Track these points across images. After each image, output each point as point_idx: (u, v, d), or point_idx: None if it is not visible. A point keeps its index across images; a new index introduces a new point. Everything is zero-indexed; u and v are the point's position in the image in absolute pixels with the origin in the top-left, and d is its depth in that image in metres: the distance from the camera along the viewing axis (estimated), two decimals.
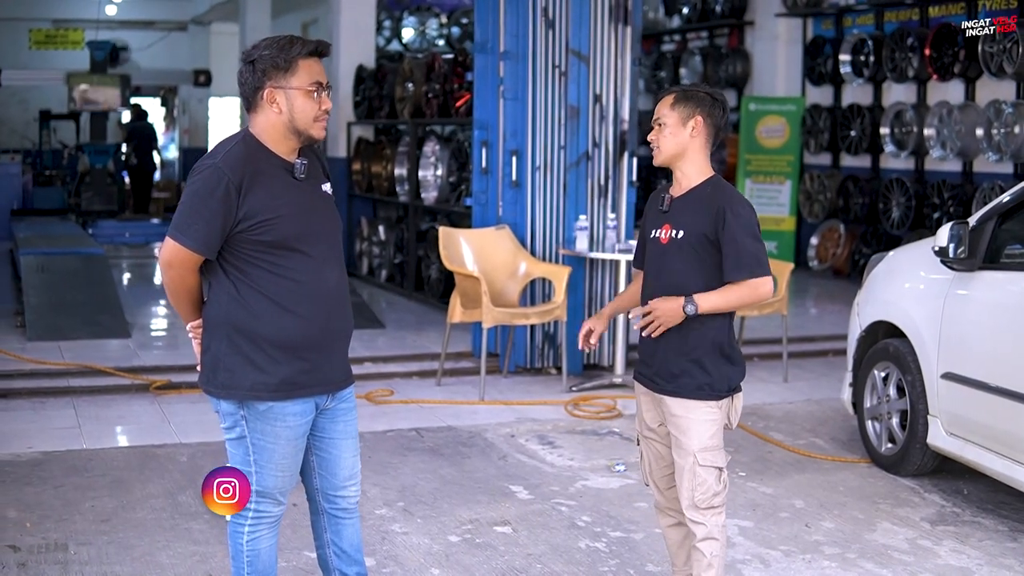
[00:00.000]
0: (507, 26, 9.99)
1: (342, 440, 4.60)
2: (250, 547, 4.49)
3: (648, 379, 4.97)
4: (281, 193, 4.25)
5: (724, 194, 4.84)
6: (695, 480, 4.84)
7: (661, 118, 4.87)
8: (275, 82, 4.23)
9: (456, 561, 6.06)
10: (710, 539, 4.88)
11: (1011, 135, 13.28)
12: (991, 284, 6.78)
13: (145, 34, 28.70)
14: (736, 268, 4.73)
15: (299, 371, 4.33)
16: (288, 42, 4.25)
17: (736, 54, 18.87)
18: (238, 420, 4.38)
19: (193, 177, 4.24)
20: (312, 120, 4.27)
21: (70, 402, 9.05)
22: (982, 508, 7.01)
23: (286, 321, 4.28)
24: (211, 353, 4.38)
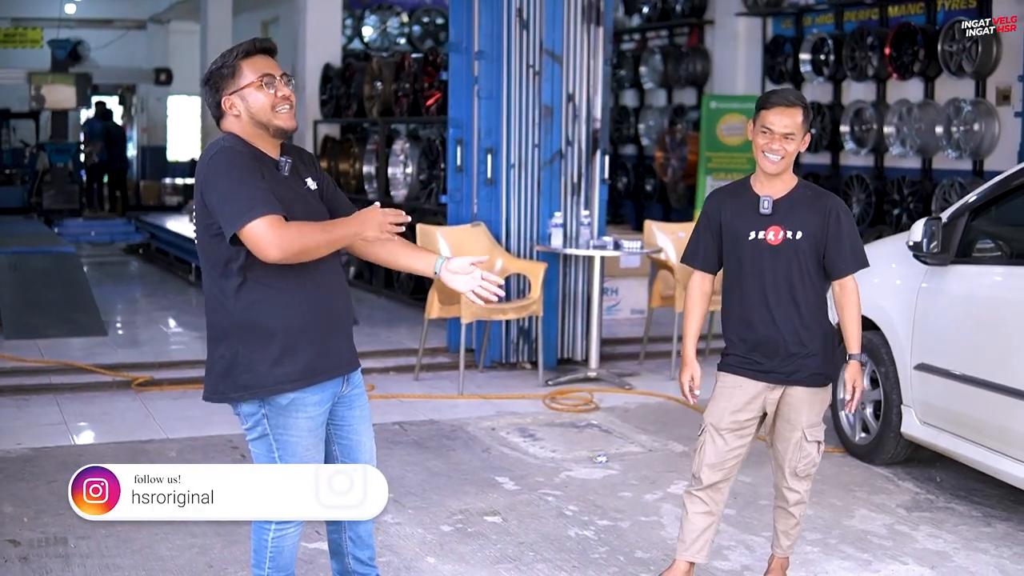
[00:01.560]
0: (482, 26, 10.15)
1: (359, 424, 4.69)
2: (275, 544, 4.52)
3: (761, 371, 5.33)
4: (273, 185, 4.29)
5: (828, 195, 5.33)
6: (800, 452, 5.43)
7: (794, 133, 5.20)
8: (228, 90, 4.35)
9: (450, 550, 6.21)
10: (800, 503, 5.57)
11: (970, 133, 13.50)
12: (963, 278, 6.98)
13: (103, 32, 28.61)
14: (849, 264, 5.27)
15: (316, 355, 4.39)
16: (228, 51, 4.39)
17: (696, 53, 19.00)
18: (259, 419, 4.42)
19: (212, 169, 4.24)
20: (271, 109, 4.34)
21: (53, 399, 9.14)
22: (955, 495, 7.22)
23: (294, 307, 4.34)
24: (225, 358, 4.39)
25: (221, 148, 4.28)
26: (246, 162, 4.23)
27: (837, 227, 5.24)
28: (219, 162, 4.24)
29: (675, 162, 18.13)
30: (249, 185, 4.17)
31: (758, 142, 5.28)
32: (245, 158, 4.25)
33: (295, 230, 4.16)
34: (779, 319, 5.26)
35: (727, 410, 5.38)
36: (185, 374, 9.87)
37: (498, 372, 10.28)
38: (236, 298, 4.33)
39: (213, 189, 4.22)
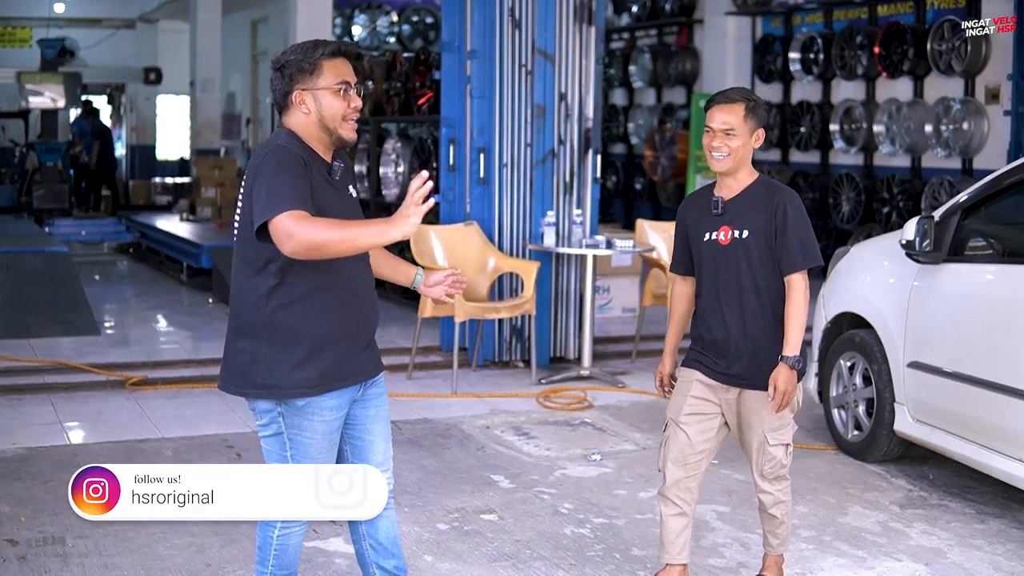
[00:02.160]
0: (474, 26, 10.16)
1: (374, 424, 4.64)
2: (280, 541, 4.52)
3: (717, 372, 5.28)
4: (321, 188, 4.30)
5: (780, 191, 5.19)
6: (764, 456, 5.34)
7: (734, 128, 5.10)
8: (302, 84, 4.32)
9: (448, 548, 6.23)
10: (779, 503, 5.46)
11: (959, 131, 13.58)
12: (956, 276, 7.02)
13: (92, 32, 28.56)
14: (797, 260, 5.12)
15: (339, 362, 4.39)
16: (312, 45, 4.36)
17: (685, 52, 19.07)
18: (275, 417, 4.43)
19: (263, 166, 4.22)
20: (341, 119, 4.35)
21: (47, 399, 9.15)
22: (948, 492, 7.26)
23: (326, 313, 4.34)
24: (247, 353, 4.39)
25: (277, 147, 4.26)
26: (296, 162, 4.21)
27: (784, 222, 5.11)
28: (271, 160, 4.22)
29: (664, 161, 18.19)
30: (289, 182, 4.14)
31: (704, 141, 5.22)
32: (297, 159, 4.23)
33: (310, 224, 4.06)
34: (730, 320, 5.22)
35: (684, 403, 5.36)
36: (179, 373, 9.90)
37: (491, 371, 10.31)
38: (269, 297, 4.33)
39: (260, 185, 4.19)
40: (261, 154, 4.30)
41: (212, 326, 12.29)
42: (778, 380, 5.10)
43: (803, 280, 5.15)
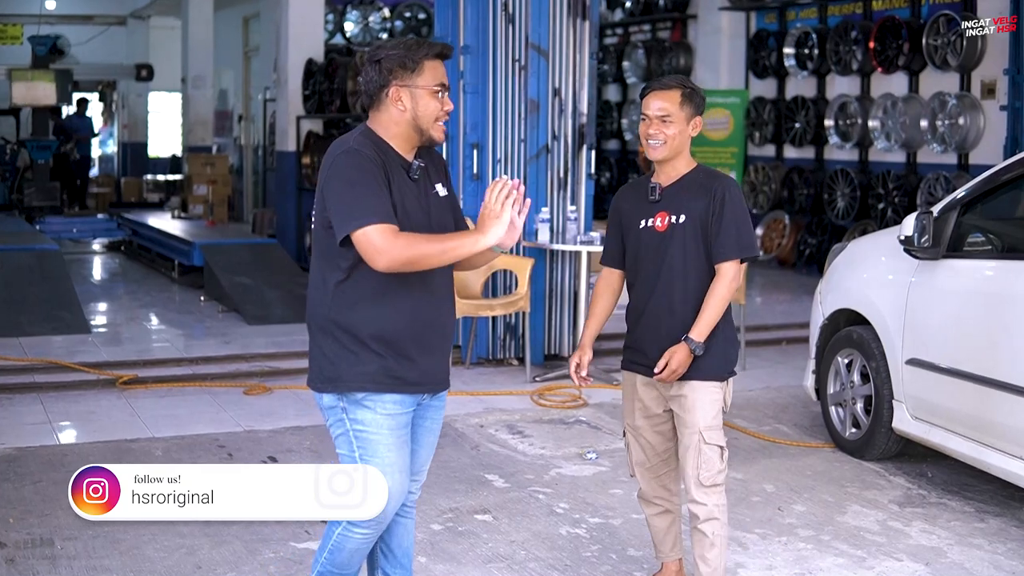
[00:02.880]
0: (467, 20, 10.09)
1: (423, 435, 4.62)
2: (337, 541, 4.48)
3: (646, 367, 5.12)
4: (397, 188, 4.28)
5: (719, 177, 5.09)
6: (700, 458, 5.04)
7: (670, 115, 5.00)
8: (401, 81, 4.30)
9: (441, 549, 6.15)
10: (712, 519, 5.07)
11: (955, 127, 13.52)
12: (955, 272, 6.95)
13: (84, 28, 28.46)
14: (730, 249, 4.98)
15: (401, 366, 4.35)
16: (416, 43, 4.35)
17: (679, 47, 19.03)
18: (339, 414, 4.42)
19: (334, 168, 4.24)
20: (434, 120, 4.34)
21: (37, 398, 9.06)
22: (947, 490, 7.19)
23: (387, 317, 4.31)
24: (317, 351, 4.42)
25: (348, 149, 4.26)
26: (370, 166, 4.20)
27: (721, 208, 4.98)
28: (343, 163, 4.23)
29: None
30: (367, 191, 4.16)
31: (640, 130, 5.11)
32: (370, 162, 4.21)
33: (404, 240, 4.11)
34: (663, 309, 5.06)
35: (633, 408, 5.27)
36: (170, 372, 9.83)
37: (485, 368, 10.23)
38: (334, 294, 4.33)
39: (332, 188, 4.23)
40: (334, 154, 4.30)
41: (204, 324, 12.22)
42: (672, 357, 4.96)
43: (733, 269, 5.01)
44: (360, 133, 4.36)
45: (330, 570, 4.54)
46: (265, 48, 19.13)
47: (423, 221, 4.32)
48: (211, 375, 9.61)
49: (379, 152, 4.27)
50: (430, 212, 4.39)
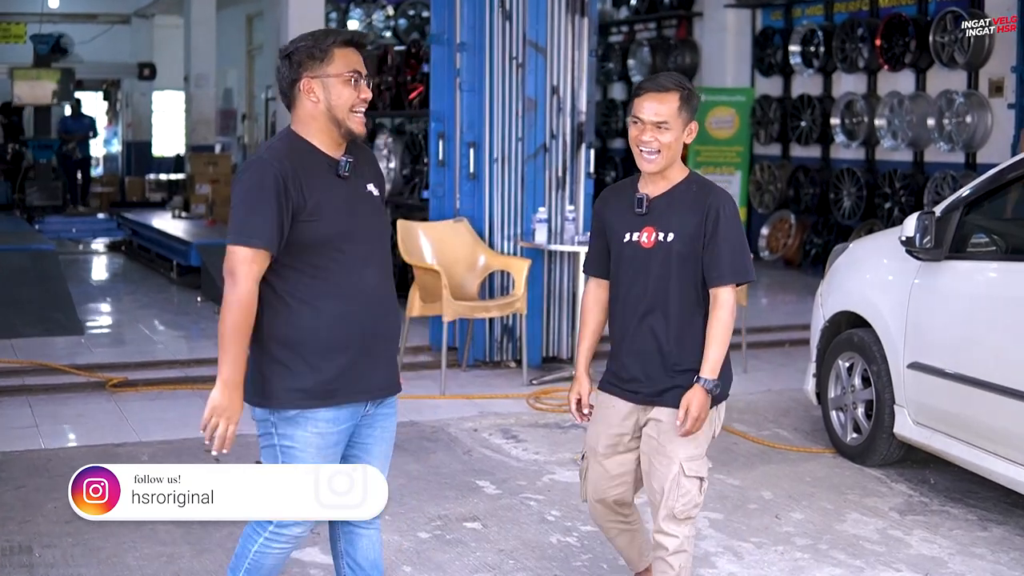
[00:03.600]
0: (464, 17, 9.93)
1: (375, 445, 4.50)
2: (255, 558, 4.38)
3: (629, 391, 4.83)
4: (323, 190, 4.18)
5: (713, 192, 4.70)
6: (678, 490, 4.71)
7: (667, 122, 4.61)
8: (311, 72, 4.19)
9: (428, 558, 6.01)
10: (681, 552, 4.76)
11: (962, 125, 13.36)
12: (957, 273, 6.79)
13: (87, 27, 28.39)
14: (726, 273, 4.63)
15: (335, 377, 4.23)
16: (323, 33, 4.24)
17: (685, 45, 18.87)
18: (268, 427, 4.31)
19: (240, 176, 4.20)
20: (349, 110, 4.20)
21: (25, 401, 8.92)
22: (950, 497, 7.03)
23: (322, 324, 4.20)
24: (252, 361, 4.27)
25: (260, 159, 4.17)
26: (270, 184, 4.07)
27: (715, 228, 4.60)
28: (253, 172, 4.15)
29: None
30: (258, 210, 4.07)
31: (631, 134, 4.71)
32: (273, 179, 4.08)
33: (241, 295, 4.07)
34: (647, 332, 4.71)
35: (602, 433, 4.92)
36: (161, 374, 9.67)
37: (482, 371, 10.07)
38: (265, 305, 4.20)
39: (234, 196, 4.18)
40: (250, 159, 4.22)
41: (199, 325, 12.08)
42: (691, 404, 4.60)
43: (731, 296, 4.64)
44: (282, 139, 4.25)
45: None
46: (268, 46, 19.04)
47: (352, 220, 4.23)
48: (203, 378, 9.44)
49: (296, 161, 4.15)
50: (358, 211, 4.27)
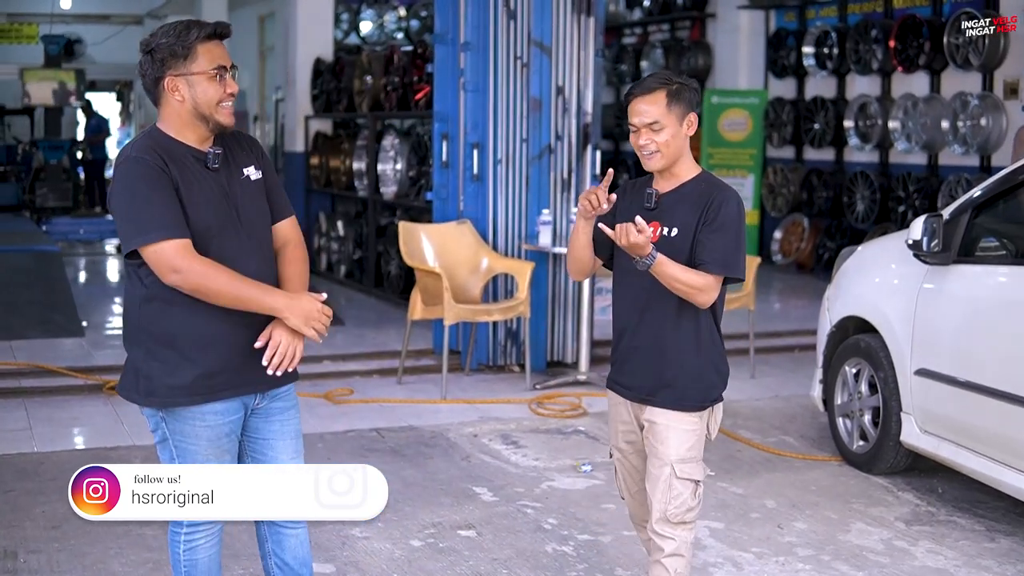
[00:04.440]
0: (468, 16, 9.80)
1: (278, 441, 4.42)
2: (187, 556, 4.35)
3: (625, 387, 4.78)
4: (192, 182, 4.11)
5: (720, 189, 4.62)
6: (670, 492, 4.64)
7: (658, 121, 4.53)
8: (175, 70, 4.11)
9: (419, 567, 5.88)
10: (676, 556, 4.66)
11: (977, 127, 13.19)
12: (966, 278, 6.63)
13: (100, 28, 28.35)
14: (713, 261, 4.50)
15: (218, 370, 4.18)
16: (185, 27, 4.12)
17: (698, 47, 18.74)
18: (159, 423, 4.26)
19: (115, 183, 4.12)
20: (216, 104, 4.14)
21: (21, 403, 8.82)
22: (957, 507, 6.86)
23: (200, 319, 4.13)
24: (130, 361, 4.26)
25: (128, 158, 4.09)
26: (152, 174, 4.03)
27: (713, 219, 4.51)
28: (123, 174, 4.09)
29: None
30: (152, 202, 4.02)
31: (631, 140, 4.64)
32: (152, 169, 4.03)
33: (203, 267, 4.02)
34: (648, 326, 4.65)
35: (617, 430, 4.91)
36: None
37: (485, 375, 9.92)
38: (142, 301, 4.17)
39: (116, 201, 4.11)
40: (117, 162, 4.15)
41: None
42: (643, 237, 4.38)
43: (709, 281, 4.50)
44: (144, 135, 4.19)
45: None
46: (279, 48, 18.94)
47: (225, 211, 4.16)
48: None
49: (164, 154, 4.08)
50: (237, 199, 4.21)
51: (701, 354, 4.66)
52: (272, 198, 4.38)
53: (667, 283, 4.49)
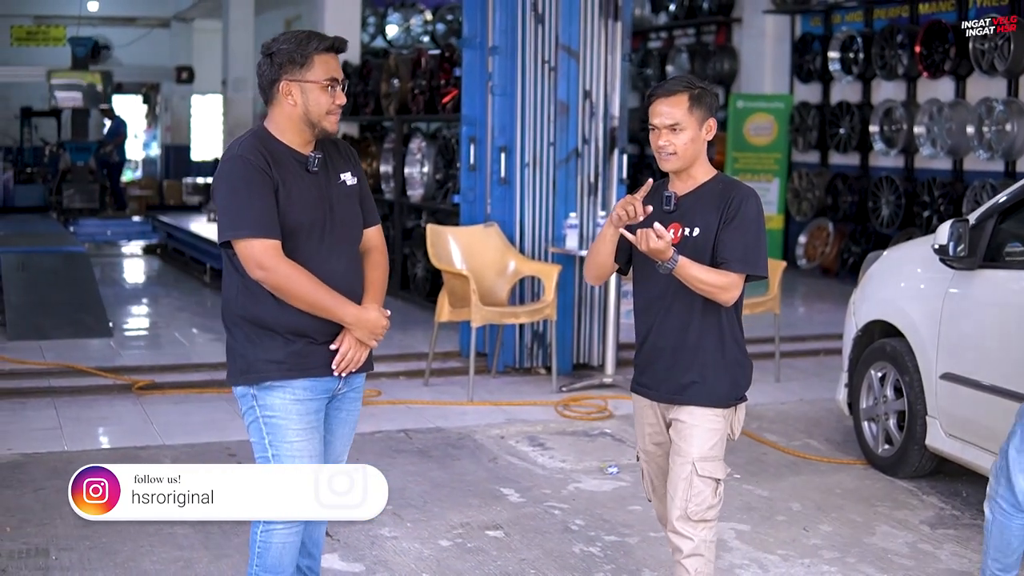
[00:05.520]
0: (496, 21, 9.85)
1: (338, 427, 4.68)
2: (263, 538, 4.49)
3: (650, 389, 4.82)
4: (293, 183, 4.37)
5: (738, 188, 4.69)
6: (691, 490, 4.67)
7: (679, 123, 4.60)
8: (291, 76, 4.35)
9: (448, 567, 5.93)
10: (696, 555, 4.69)
11: (1002, 133, 13.18)
12: (992, 283, 6.66)
13: (127, 31, 28.46)
14: (735, 259, 4.58)
15: (308, 352, 4.42)
16: (306, 37, 4.38)
17: (723, 51, 18.75)
18: (250, 401, 4.47)
19: (218, 177, 4.40)
20: (325, 113, 4.38)
21: (51, 403, 8.89)
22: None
23: (290, 309, 4.36)
24: (228, 346, 4.53)
25: (234, 156, 4.37)
26: (254, 174, 4.29)
27: (734, 214, 4.58)
28: (226, 171, 4.36)
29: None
30: (249, 200, 4.28)
31: (651, 142, 4.71)
32: (254, 170, 4.29)
33: (288, 269, 4.28)
34: (671, 326, 4.70)
35: (643, 433, 4.94)
36: (188, 377, 9.63)
37: (511, 377, 9.97)
38: (240, 289, 4.43)
39: (217, 193, 4.41)
40: (223, 158, 4.42)
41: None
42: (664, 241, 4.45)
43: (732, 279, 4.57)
44: (251, 135, 4.45)
45: (260, 574, 4.53)
46: None
47: (321, 213, 4.42)
48: None
49: (267, 155, 4.34)
50: (332, 202, 4.46)
51: (725, 352, 4.73)
52: (363, 205, 4.64)
53: (690, 284, 4.56)
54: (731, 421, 4.78)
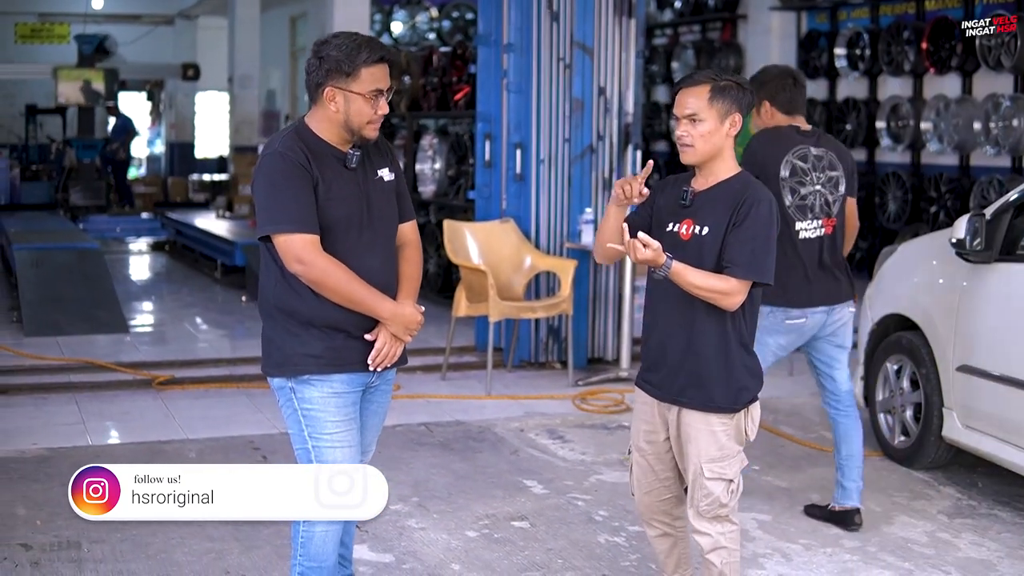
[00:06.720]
0: (511, 18, 9.95)
1: (368, 418, 4.77)
2: (305, 528, 4.54)
3: (654, 386, 4.80)
4: (331, 178, 4.45)
5: (753, 190, 4.62)
6: (701, 491, 4.69)
7: (697, 113, 4.55)
8: (337, 83, 4.40)
9: (476, 556, 6.01)
10: (719, 549, 4.72)
11: (1009, 128, 13.25)
12: (1008, 276, 6.73)
13: (131, 28, 28.47)
14: (739, 264, 4.52)
15: (345, 346, 4.50)
16: (356, 47, 4.40)
17: (729, 48, 18.81)
18: (288, 393, 4.55)
19: (259, 173, 4.45)
20: (366, 123, 4.44)
21: (72, 398, 8.97)
22: (998, 501, 6.98)
23: (329, 303, 4.43)
24: (266, 336, 4.60)
25: (274, 152, 4.43)
26: (294, 170, 4.37)
27: (744, 217, 4.51)
28: (266, 167, 4.42)
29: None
30: (289, 195, 4.36)
31: (675, 133, 4.69)
32: (294, 166, 4.37)
33: (326, 263, 4.35)
34: (674, 328, 4.67)
35: (639, 429, 4.91)
36: (208, 372, 9.71)
37: (527, 372, 10.05)
38: (278, 281, 4.50)
39: (257, 188, 4.46)
40: (264, 153, 4.49)
41: (244, 325, 12.10)
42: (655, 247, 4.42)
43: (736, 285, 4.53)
44: (292, 131, 4.53)
45: (307, 565, 4.58)
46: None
47: (358, 209, 4.50)
48: (249, 376, 9.45)
49: (307, 151, 4.42)
50: (370, 198, 4.54)
51: (730, 355, 4.66)
52: (400, 201, 4.71)
53: (687, 289, 4.52)
54: (743, 424, 4.73)
